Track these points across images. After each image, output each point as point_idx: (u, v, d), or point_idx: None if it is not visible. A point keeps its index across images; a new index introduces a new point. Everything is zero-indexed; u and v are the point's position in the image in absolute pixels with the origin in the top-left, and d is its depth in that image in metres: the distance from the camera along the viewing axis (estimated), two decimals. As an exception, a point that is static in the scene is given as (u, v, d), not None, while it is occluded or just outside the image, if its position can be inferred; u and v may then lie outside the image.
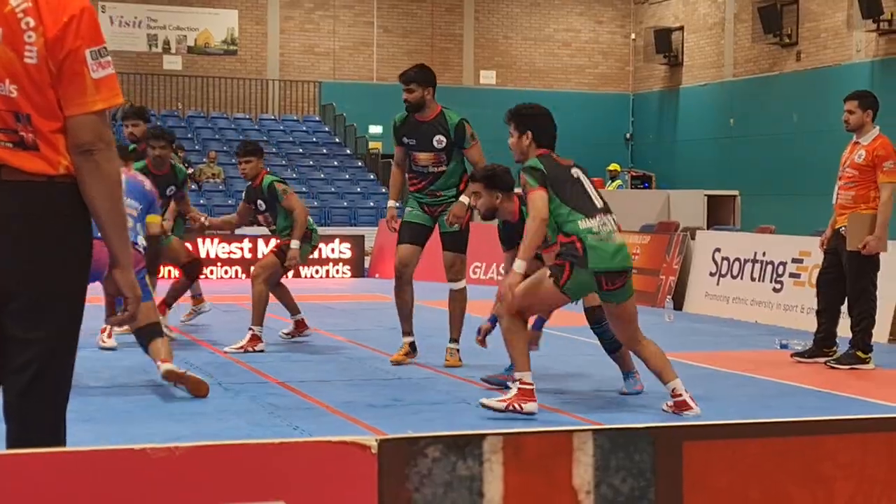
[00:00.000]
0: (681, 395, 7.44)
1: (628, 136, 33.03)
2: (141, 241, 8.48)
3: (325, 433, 6.86)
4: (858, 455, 2.13)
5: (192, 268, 10.85)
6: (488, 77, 31.76)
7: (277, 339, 10.72)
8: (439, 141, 9.15)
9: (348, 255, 19.86)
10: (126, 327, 9.79)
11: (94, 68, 3.25)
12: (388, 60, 30.77)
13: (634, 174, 30.46)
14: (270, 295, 10.35)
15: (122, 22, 28.54)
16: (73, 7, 3.25)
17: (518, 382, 7.22)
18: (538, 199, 7.11)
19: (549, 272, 7.17)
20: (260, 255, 17.59)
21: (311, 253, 10.89)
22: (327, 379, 8.83)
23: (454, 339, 9.43)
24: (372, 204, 24.83)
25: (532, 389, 7.20)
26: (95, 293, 3.86)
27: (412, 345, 9.50)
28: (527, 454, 1.99)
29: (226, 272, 18.95)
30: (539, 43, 32.31)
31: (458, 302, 9.35)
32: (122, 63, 28.57)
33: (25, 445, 3.28)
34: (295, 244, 10.20)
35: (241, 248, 19.11)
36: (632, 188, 28.80)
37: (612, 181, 25.92)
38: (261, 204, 10.36)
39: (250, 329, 10.02)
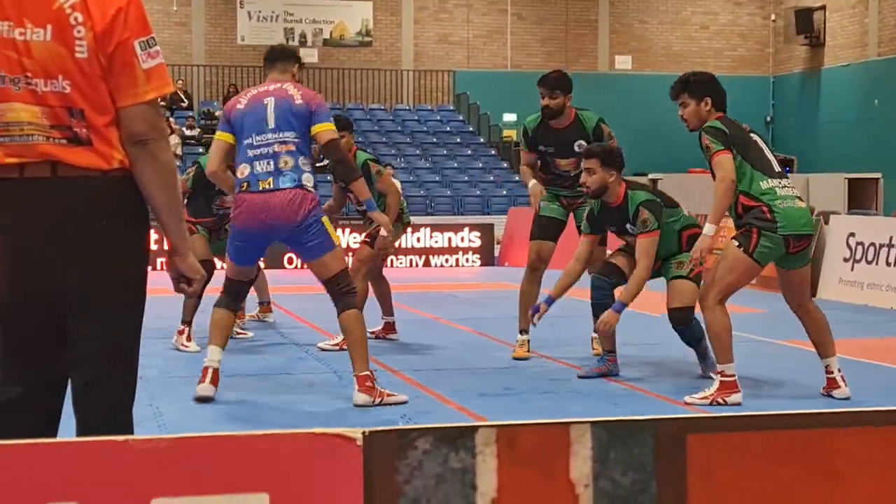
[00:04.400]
0: (833, 373, 7.41)
1: (769, 119, 32.33)
2: None
3: (433, 422, 6.90)
4: (875, 450, 2.03)
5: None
6: (624, 62, 31.42)
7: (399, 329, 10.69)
8: (580, 146, 8.84)
9: (478, 243, 19.89)
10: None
11: (144, 59, 3.29)
12: (522, 48, 30.70)
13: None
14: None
15: (260, 17, 29.00)
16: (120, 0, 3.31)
17: (720, 375, 7.24)
18: (725, 161, 7.03)
19: (736, 243, 7.11)
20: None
21: (403, 233, 10.34)
22: (442, 367, 8.85)
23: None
24: (504, 192, 24.81)
25: (735, 381, 7.21)
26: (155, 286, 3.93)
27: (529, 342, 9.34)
28: (521, 447, 1.96)
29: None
30: (676, 26, 31.84)
31: None
32: (260, 57, 28.88)
33: (92, 437, 3.35)
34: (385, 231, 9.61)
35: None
36: (772, 172, 28.21)
37: (751, 166, 25.43)
38: None
39: None
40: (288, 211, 7.02)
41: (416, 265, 19.63)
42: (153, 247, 11.36)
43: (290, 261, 19.13)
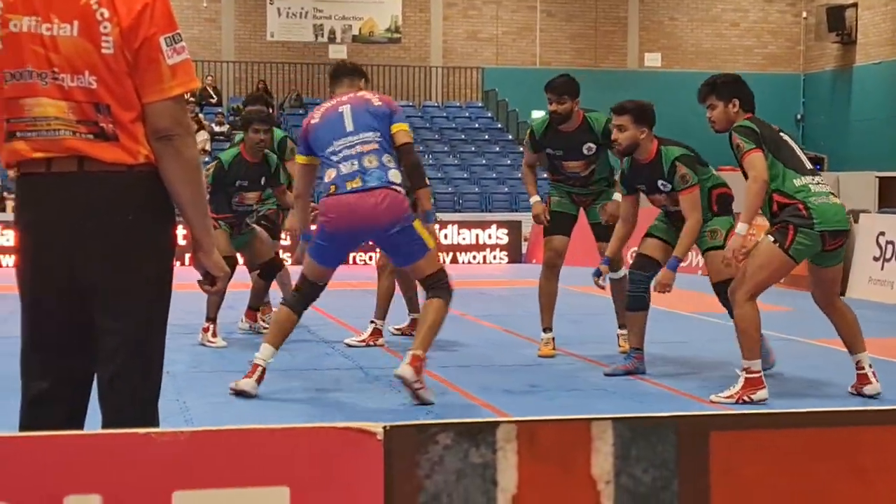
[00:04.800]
0: (864, 368, 7.35)
1: (799, 117, 32.15)
2: None
3: (456, 418, 6.90)
4: (901, 448, 2.01)
5: (269, 269, 10.10)
6: (653, 60, 31.32)
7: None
8: (589, 148, 8.87)
9: (505, 240, 19.87)
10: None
11: (170, 54, 3.30)
12: (551, 45, 30.65)
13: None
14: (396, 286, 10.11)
15: (289, 13, 29.08)
16: None
17: (745, 372, 7.21)
18: (757, 160, 7.00)
19: (771, 239, 7.08)
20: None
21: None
22: (468, 364, 8.86)
23: (623, 325, 9.26)
24: (533, 189, 24.75)
25: (761, 377, 7.19)
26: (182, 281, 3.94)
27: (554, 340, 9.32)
28: (542, 443, 1.95)
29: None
30: (706, 23, 31.71)
31: (620, 291, 9.07)
32: (290, 53, 29.16)
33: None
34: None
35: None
36: (802, 171, 28.03)
37: (780, 163, 25.30)
38: None
39: (372, 322, 9.76)
40: (378, 213, 7.04)
41: (444, 262, 19.62)
42: (181, 242, 11.38)
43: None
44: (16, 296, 3.55)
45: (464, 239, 19.83)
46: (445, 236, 19.67)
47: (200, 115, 25.56)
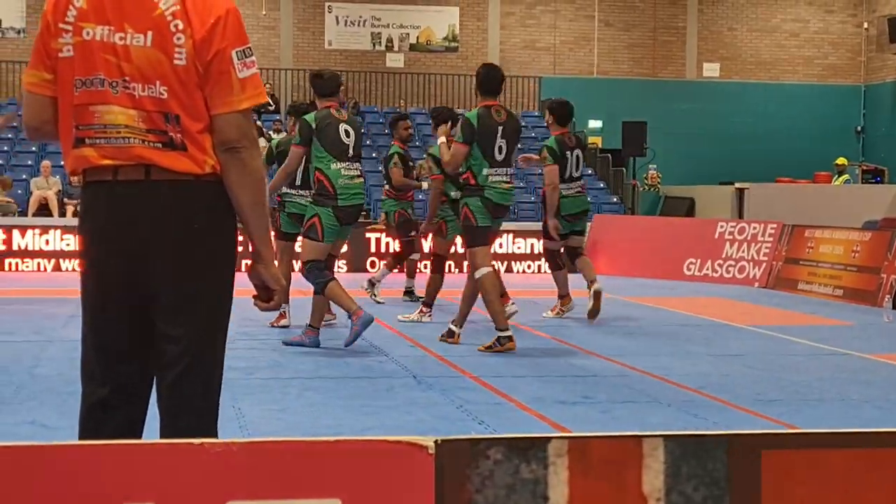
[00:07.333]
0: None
1: (859, 128, 31.81)
2: None
3: (510, 429, 6.90)
4: (956, 470, 1.98)
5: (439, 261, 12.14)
6: (712, 70, 31.11)
7: (480, 328, 10.74)
8: None
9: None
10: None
11: (240, 68, 3.34)
12: (608, 55, 30.54)
13: (866, 168, 29.31)
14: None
15: (348, 21, 29.22)
16: (219, 8, 3.35)
17: None
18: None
19: None
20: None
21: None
22: (521, 374, 8.84)
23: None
24: (589, 199, 24.69)
25: None
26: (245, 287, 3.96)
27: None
28: (593, 459, 1.95)
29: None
30: (765, 34, 31.45)
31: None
32: (347, 61, 29.31)
33: (175, 438, 3.39)
34: None
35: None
36: (862, 183, 27.75)
37: (840, 175, 25.07)
38: None
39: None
40: None
41: (499, 271, 19.62)
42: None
43: (373, 264, 19.24)
44: (76, 299, 3.59)
45: (519, 248, 19.82)
46: (501, 245, 19.67)
47: (259, 122, 25.76)
